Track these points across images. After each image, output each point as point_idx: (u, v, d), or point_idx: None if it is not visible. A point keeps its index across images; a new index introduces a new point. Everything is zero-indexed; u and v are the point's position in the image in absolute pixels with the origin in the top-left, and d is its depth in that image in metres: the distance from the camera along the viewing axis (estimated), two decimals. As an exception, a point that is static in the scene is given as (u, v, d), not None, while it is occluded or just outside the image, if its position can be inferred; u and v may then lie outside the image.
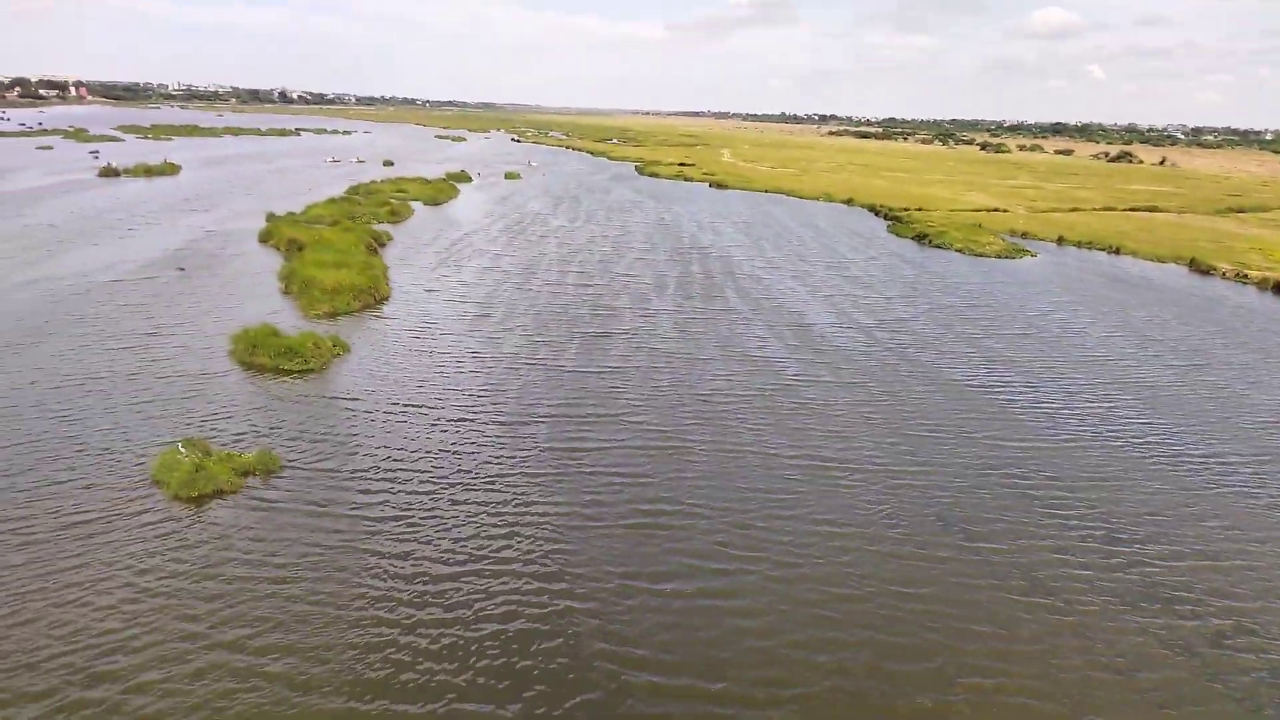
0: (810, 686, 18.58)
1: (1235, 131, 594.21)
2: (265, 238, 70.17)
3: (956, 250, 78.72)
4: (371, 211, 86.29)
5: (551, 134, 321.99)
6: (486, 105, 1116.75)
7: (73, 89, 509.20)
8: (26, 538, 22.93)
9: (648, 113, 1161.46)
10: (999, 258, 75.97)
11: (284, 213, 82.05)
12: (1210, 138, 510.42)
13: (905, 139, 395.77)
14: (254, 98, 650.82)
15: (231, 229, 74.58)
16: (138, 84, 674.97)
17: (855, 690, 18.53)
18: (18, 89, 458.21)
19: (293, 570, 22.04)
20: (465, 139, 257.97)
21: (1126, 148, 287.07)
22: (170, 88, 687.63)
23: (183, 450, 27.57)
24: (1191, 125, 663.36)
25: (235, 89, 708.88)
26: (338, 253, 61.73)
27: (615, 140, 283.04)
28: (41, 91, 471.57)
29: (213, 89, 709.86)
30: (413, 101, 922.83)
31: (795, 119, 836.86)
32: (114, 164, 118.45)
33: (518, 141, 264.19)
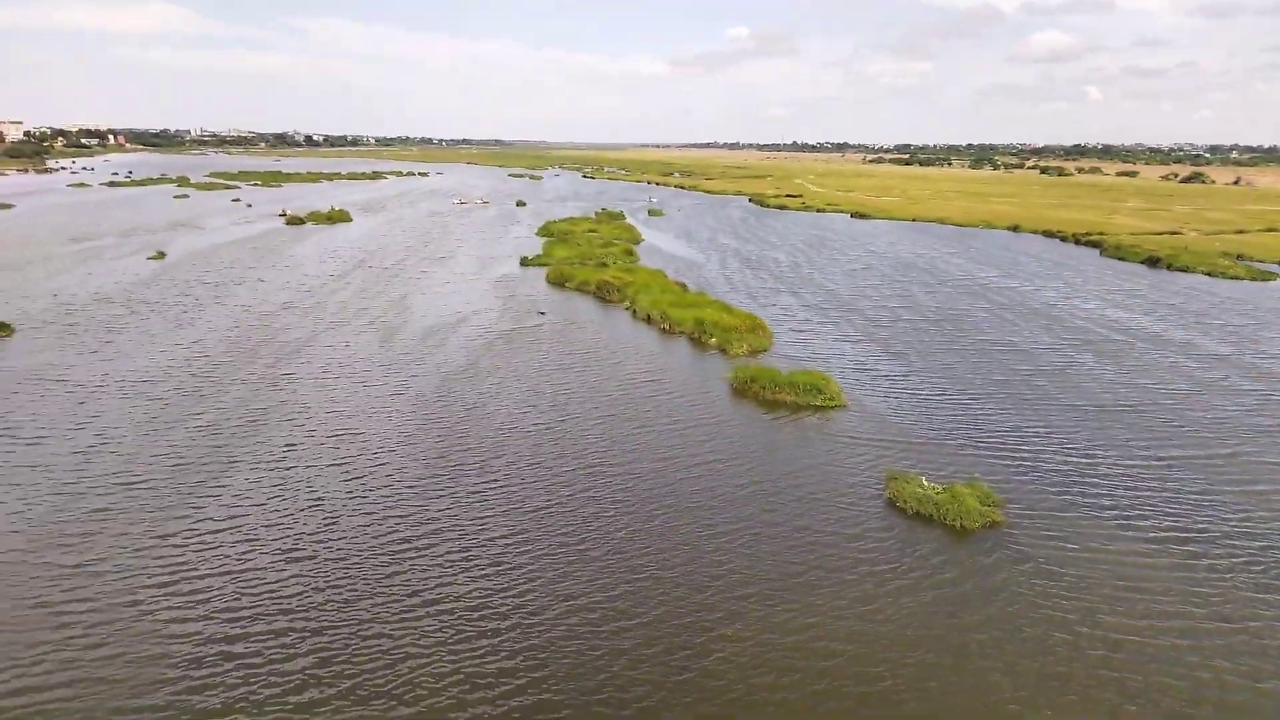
0: None
1: (1254, 148, 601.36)
2: (558, 281, 71.68)
3: (1203, 274, 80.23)
4: (602, 251, 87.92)
5: (606, 169, 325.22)
6: (496, 141, 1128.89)
7: (111, 137, 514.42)
8: (901, 608, 23.98)
9: (657, 145, 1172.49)
10: (1254, 280, 77.35)
11: (531, 256, 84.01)
12: (1236, 155, 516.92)
13: (946, 164, 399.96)
14: (280, 141, 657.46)
15: (503, 274, 76.15)
16: (165, 130, 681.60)
17: None
18: (61, 139, 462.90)
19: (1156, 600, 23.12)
20: (540, 177, 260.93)
21: (1198, 169, 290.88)
22: (191, 133, 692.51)
23: (925, 484, 28.83)
24: (1202, 143, 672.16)
25: (254, 133, 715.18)
26: (665, 293, 63.42)
27: (676, 174, 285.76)
28: (83, 140, 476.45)
29: (232, 133, 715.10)
30: (430, 140, 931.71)
31: (810, 148, 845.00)
32: (288, 211, 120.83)
33: (589, 178, 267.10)
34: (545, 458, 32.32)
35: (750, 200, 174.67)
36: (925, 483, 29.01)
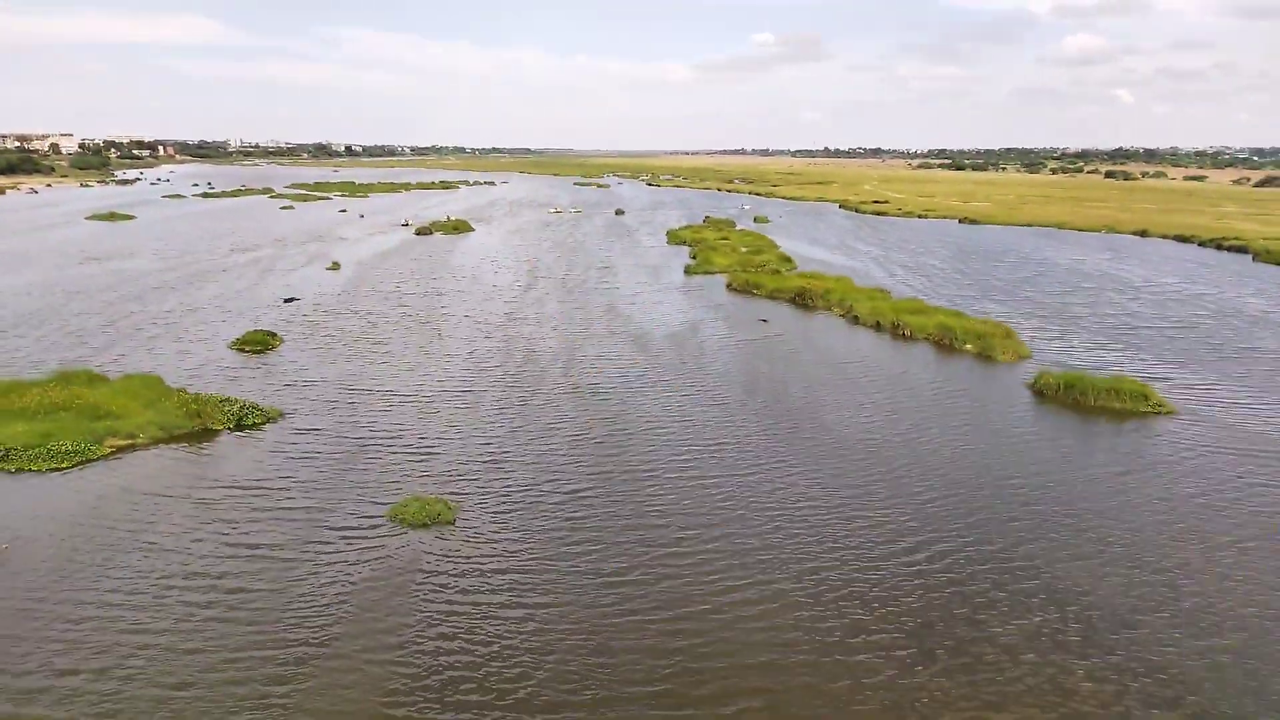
0: None
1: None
2: (743, 288, 71.68)
3: (1384, 280, 78.81)
4: (759, 259, 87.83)
5: (662, 177, 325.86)
6: (525, 150, 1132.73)
7: (161, 149, 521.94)
8: None
9: (686, 152, 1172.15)
10: None
11: (692, 265, 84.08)
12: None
13: (999, 169, 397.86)
14: (321, 151, 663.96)
15: (676, 281, 76.43)
16: (203, 141, 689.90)
17: None
18: (114, 150, 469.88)
19: None
20: (608, 186, 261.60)
21: (1274, 174, 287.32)
22: (231, 144, 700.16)
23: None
24: (1238, 146, 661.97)
25: (294, 144, 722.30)
26: (875, 299, 63.33)
27: (737, 181, 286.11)
28: (135, 152, 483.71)
29: (271, 144, 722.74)
30: (462, 149, 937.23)
31: (843, 153, 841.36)
32: (411, 221, 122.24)
33: (654, 186, 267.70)
34: (921, 473, 31.92)
35: (840, 206, 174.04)
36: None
